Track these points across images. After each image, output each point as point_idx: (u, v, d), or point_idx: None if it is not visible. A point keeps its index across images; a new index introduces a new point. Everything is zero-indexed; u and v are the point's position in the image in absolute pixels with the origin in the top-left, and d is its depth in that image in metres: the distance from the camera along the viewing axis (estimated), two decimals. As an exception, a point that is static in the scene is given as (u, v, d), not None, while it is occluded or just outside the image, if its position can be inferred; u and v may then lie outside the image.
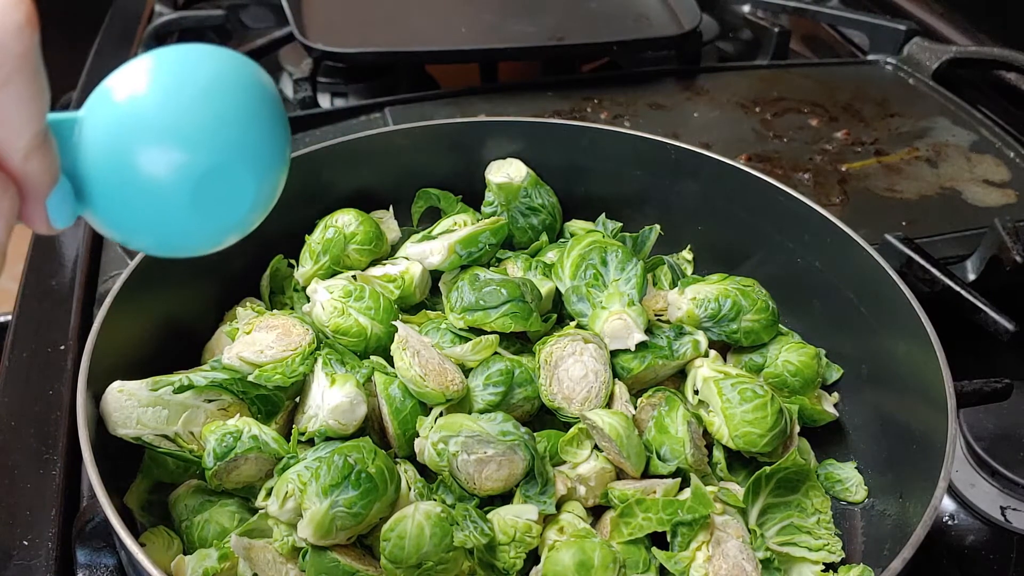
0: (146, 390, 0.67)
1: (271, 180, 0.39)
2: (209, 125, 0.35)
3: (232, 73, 0.37)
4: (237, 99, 0.37)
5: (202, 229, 0.38)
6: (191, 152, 0.35)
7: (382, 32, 1.30)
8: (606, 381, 0.75)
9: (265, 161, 0.38)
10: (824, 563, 0.71)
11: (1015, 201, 1.08)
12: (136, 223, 0.37)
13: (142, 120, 0.35)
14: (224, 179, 0.37)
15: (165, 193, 0.35)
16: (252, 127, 0.37)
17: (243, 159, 0.37)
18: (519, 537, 0.66)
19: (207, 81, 0.36)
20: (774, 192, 0.85)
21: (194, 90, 0.36)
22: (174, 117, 0.35)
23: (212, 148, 0.36)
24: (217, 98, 0.36)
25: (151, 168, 0.35)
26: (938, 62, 1.33)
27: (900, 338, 0.74)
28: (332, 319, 0.77)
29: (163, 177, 0.35)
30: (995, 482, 0.81)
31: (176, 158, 0.35)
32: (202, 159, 0.35)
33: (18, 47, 0.30)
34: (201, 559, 0.64)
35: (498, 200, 0.91)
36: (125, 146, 0.35)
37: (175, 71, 0.36)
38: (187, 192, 0.36)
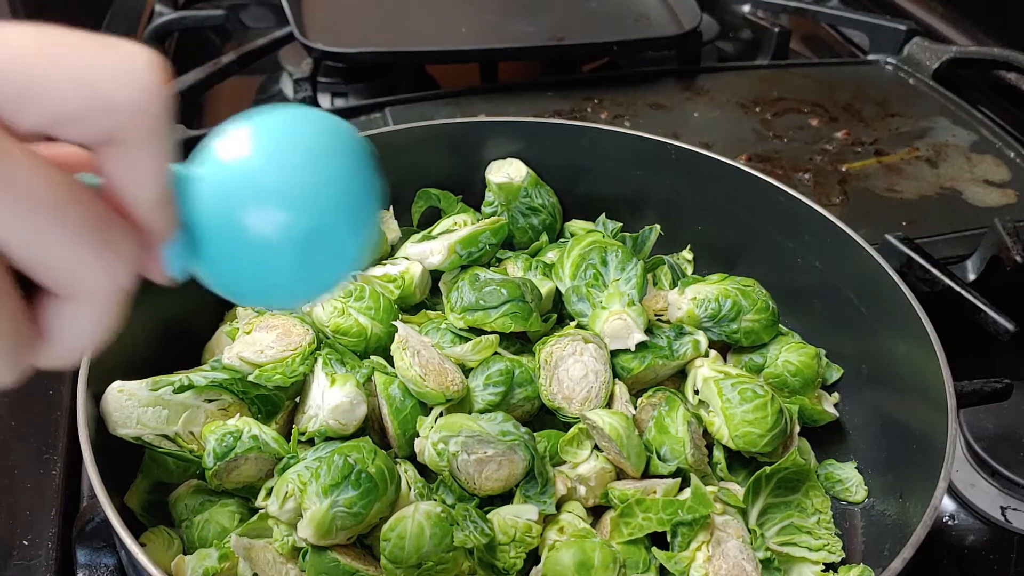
0: (146, 390, 0.67)
1: (369, 235, 0.41)
2: (311, 187, 0.37)
3: (331, 136, 0.39)
4: (336, 162, 0.39)
5: (305, 284, 0.40)
6: (295, 213, 0.37)
7: (382, 32, 1.30)
8: (606, 381, 0.75)
9: (363, 219, 0.40)
10: (824, 563, 0.70)
11: (1015, 201, 1.08)
12: (243, 280, 0.39)
13: (249, 183, 0.37)
14: (326, 238, 0.38)
15: (270, 252, 0.37)
16: (350, 188, 0.39)
17: (343, 219, 0.39)
18: (519, 537, 0.66)
19: (308, 145, 0.38)
20: (774, 192, 0.85)
21: (296, 154, 0.38)
22: (279, 180, 0.37)
23: (315, 209, 0.38)
24: (318, 161, 0.38)
25: (257, 228, 0.37)
26: (938, 62, 1.33)
27: (900, 338, 0.74)
28: (332, 319, 0.77)
29: (268, 237, 0.37)
30: (995, 482, 0.81)
31: (281, 219, 0.37)
32: (305, 220, 0.37)
33: (154, 108, 0.32)
34: (201, 559, 0.64)
35: (498, 200, 0.91)
36: (233, 207, 0.37)
37: (279, 135, 0.38)
38: (291, 251, 0.38)
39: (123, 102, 0.32)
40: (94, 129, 0.32)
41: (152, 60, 0.33)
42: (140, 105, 0.32)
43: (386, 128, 0.92)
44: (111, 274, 0.33)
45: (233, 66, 1.29)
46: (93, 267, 0.33)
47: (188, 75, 1.24)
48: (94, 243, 0.32)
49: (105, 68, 0.32)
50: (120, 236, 0.34)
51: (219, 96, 1.36)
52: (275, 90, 1.41)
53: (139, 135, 0.33)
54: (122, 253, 0.34)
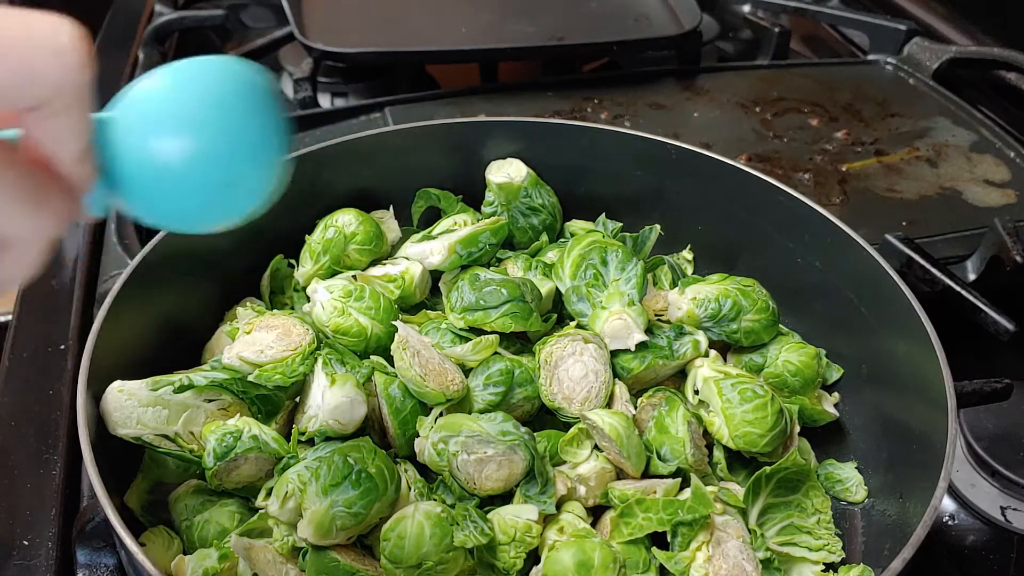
0: (146, 390, 0.67)
1: (271, 163, 0.46)
2: (208, 116, 0.42)
3: (234, 76, 0.44)
4: (235, 96, 0.44)
5: (214, 207, 0.45)
6: (194, 139, 0.41)
7: (382, 32, 1.30)
8: (606, 381, 0.75)
9: (262, 147, 0.45)
10: (824, 563, 0.71)
11: (1015, 201, 1.08)
12: (157, 205, 0.43)
13: (152, 115, 0.41)
14: (227, 161, 0.43)
15: (177, 176, 0.41)
16: (248, 119, 0.44)
17: (242, 145, 0.44)
18: (519, 537, 0.66)
19: (209, 82, 0.43)
20: (774, 192, 0.85)
21: (195, 89, 0.42)
22: (177, 110, 0.41)
23: (213, 135, 0.42)
24: (217, 95, 0.43)
25: (162, 155, 0.41)
26: (938, 62, 1.33)
27: (900, 338, 0.74)
28: (332, 319, 0.77)
29: (173, 162, 0.41)
30: (995, 482, 0.81)
31: (181, 144, 0.41)
32: (204, 144, 0.42)
33: (78, 80, 0.35)
34: (201, 559, 0.64)
35: (498, 200, 0.91)
36: (141, 138, 0.41)
37: (182, 75, 0.43)
38: (195, 174, 0.42)
39: (48, 74, 0.34)
40: (20, 98, 0.35)
41: (75, 32, 0.35)
42: (65, 76, 0.35)
43: (386, 128, 0.92)
44: (42, 227, 0.37)
45: (233, 66, 1.29)
46: (24, 223, 0.36)
47: (188, 75, 1.24)
48: (26, 202, 0.36)
49: (29, 42, 0.34)
50: (49, 192, 0.37)
51: (219, 96, 1.36)
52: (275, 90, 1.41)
53: (63, 102, 0.35)
54: (51, 208, 0.37)
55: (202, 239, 0.80)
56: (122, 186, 0.42)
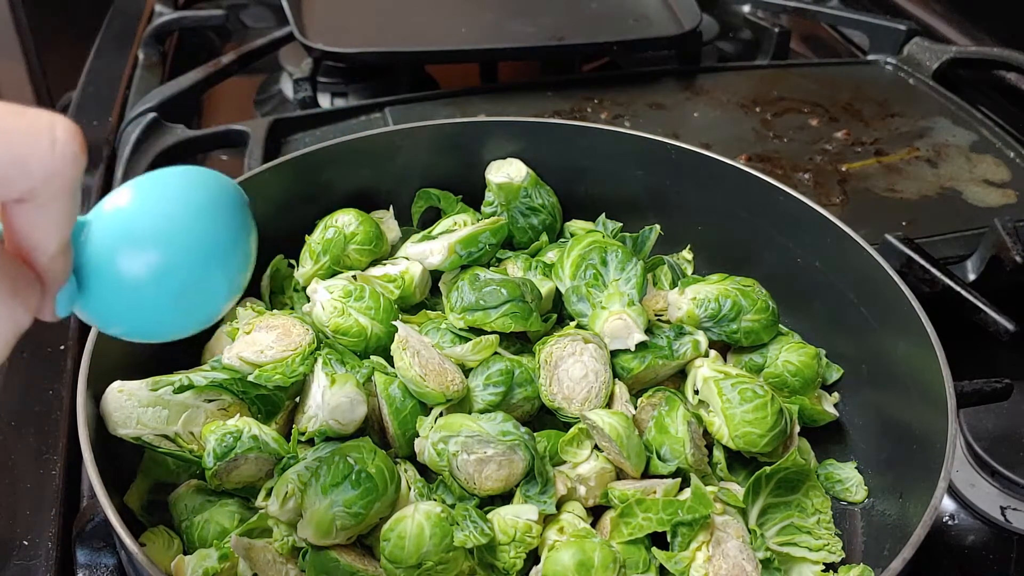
0: (146, 390, 0.67)
1: (235, 277, 0.47)
2: (175, 231, 0.43)
3: (204, 189, 0.45)
4: (203, 207, 0.44)
5: (177, 319, 0.46)
6: (161, 253, 0.42)
7: (382, 32, 1.30)
8: (606, 381, 0.75)
9: (228, 263, 0.46)
10: (824, 563, 0.70)
11: (1015, 201, 1.08)
12: (123, 315, 0.44)
13: (122, 227, 0.42)
14: (191, 277, 0.44)
15: (142, 289, 0.42)
16: (216, 234, 0.45)
17: (208, 260, 0.44)
18: (519, 537, 0.66)
19: (179, 196, 0.44)
20: (774, 192, 0.85)
21: (165, 203, 0.43)
22: (145, 225, 0.42)
23: (179, 250, 0.43)
24: (186, 210, 0.44)
25: (129, 268, 0.42)
26: (938, 62, 1.33)
27: (900, 338, 0.74)
28: (332, 319, 0.77)
29: (139, 275, 0.42)
30: (995, 482, 0.81)
31: (148, 259, 0.42)
32: (171, 259, 0.43)
33: (69, 173, 0.35)
34: (201, 559, 0.64)
35: (498, 200, 0.91)
36: (111, 248, 0.42)
37: (154, 187, 0.44)
38: (160, 288, 0.43)
39: (40, 165, 0.34)
40: (9, 191, 0.34)
41: (70, 126, 0.35)
42: (57, 168, 0.34)
43: (386, 128, 0.92)
44: (13, 318, 0.36)
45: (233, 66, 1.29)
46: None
47: (188, 75, 1.24)
48: (2, 295, 0.35)
49: (23, 133, 0.34)
50: (24, 286, 0.37)
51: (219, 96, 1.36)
52: (275, 90, 1.41)
53: (51, 194, 0.35)
54: (24, 300, 0.37)
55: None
56: (88, 292, 0.42)
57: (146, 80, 1.33)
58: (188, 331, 0.47)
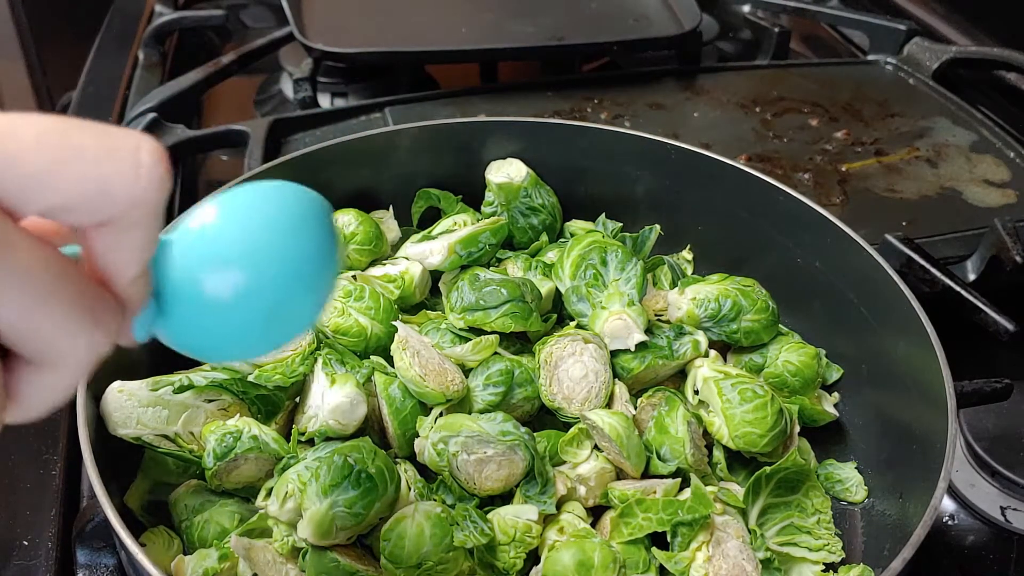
0: (146, 390, 0.67)
1: (323, 294, 0.44)
2: (264, 251, 0.40)
3: (292, 206, 0.42)
4: (293, 229, 0.42)
5: (260, 342, 0.43)
6: (248, 275, 0.40)
7: (382, 32, 1.30)
8: (606, 381, 0.75)
9: (317, 283, 0.43)
10: (824, 563, 0.70)
11: (1015, 201, 1.08)
12: (204, 339, 0.42)
13: (208, 247, 0.40)
14: (280, 299, 0.41)
15: (227, 313, 0.40)
16: (305, 253, 0.42)
17: (296, 282, 0.42)
18: (519, 537, 0.66)
19: (268, 213, 0.41)
20: (774, 192, 0.85)
21: (253, 221, 0.41)
22: (233, 245, 0.40)
23: (268, 272, 0.40)
24: (274, 228, 0.41)
25: (214, 290, 0.39)
26: (938, 62, 1.33)
27: (900, 338, 0.74)
28: (332, 319, 0.77)
29: (224, 298, 0.40)
30: (995, 482, 0.81)
31: (235, 280, 0.40)
32: (258, 282, 0.40)
33: (154, 199, 0.34)
34: (201, 559, 0.64)
35: (498, 200, 0.91)
36: (195, 270, 0.39)
37: (241, 204, 0.41)
38: (246, 312, 0.40)
39: (124, 192, 0.33)
40: (93, 216, 0.34)
41: (155, 151, 0.34)
42: (141, 197, 0.34)
43: (386, 128, 0.92)
44: (92, 344, 0.35)
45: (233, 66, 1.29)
46: (77, 340, 0.34)
47: (188, 75, 1.24)
48: (83, 321, 0.34)
49: (110, 161, 0.33)
50: (104, 311, 0.35)
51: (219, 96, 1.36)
52: (275, 90, 1.41)
53: (134, 221, 0.34)
54: (106, 327, 0.35)
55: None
56: (169, 315, 0.40)
57: (146, 80, 1.33)
58: (271, 351, 0.46)
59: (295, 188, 0.43)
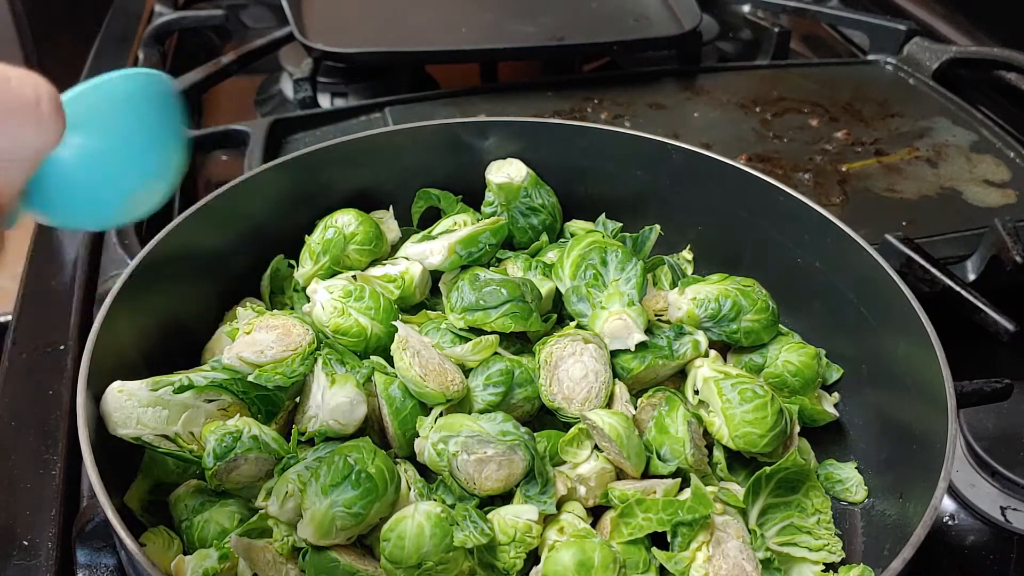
0: (146, 390, 0.67)
1: (163, 163, 0.53)
2: (100, 117, 0.48)
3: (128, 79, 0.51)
4: (128, 96, 0.50)
5: (109, 205, 0.51)
6: (89, 136, 0.47)
7: (382, 32, 1.30)
8: (606, 381, 0.75)
9: (155, 142, 0.52)
10: (824, 563, 0.71)
11: (1015, 201, 1.08)
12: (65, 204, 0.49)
13: None
14: (119, 159, 0.50)
15: (78, 172, 0.47)
16: (141, 116, 0.51)
17: (136, 139, 0.50)
18: (519, 537, 0.66)
19: (104, 89, 0.49)
20: (774, 192, 0.85)
21: (91, 97, 0.49)
22: (74, 116, 0.45)
23: (103, 132, 0.48)
24: (107, 97, 0.49)
25: (64, 154, 0.46)
26: (938, 62, 1.33)
27: (900, 338, 0.74)
28: (332, 319, 0.77)
29: (73, 159, 0.47)
30: (995, 482, 0.81)
31: (78, 142, 0.46)
32: (100, 141, 0.48)
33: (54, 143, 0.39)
34: (201, 559, 0.64)
35: (498, 200, 0.91)
36: None
37: (82, 89, 0.49)
38: (93, 169, 0.48)
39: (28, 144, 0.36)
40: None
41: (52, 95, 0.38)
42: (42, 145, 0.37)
43: (386, 128, 0.92)
44: None
45: (233, 66, 1.29)
46: None
47: (188, 75, 1.24)
48: None
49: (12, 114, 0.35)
50: None
51: (219, 96, 1.36)
52: (275, 90, 1.41)
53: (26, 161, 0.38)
54: None
55: (202, 239, 0.80)
56: (33, 194, 0.46)
57: (146, 80, 1.33)
58: (123, 217, 0.53)
59: (135, 71, 0.52)
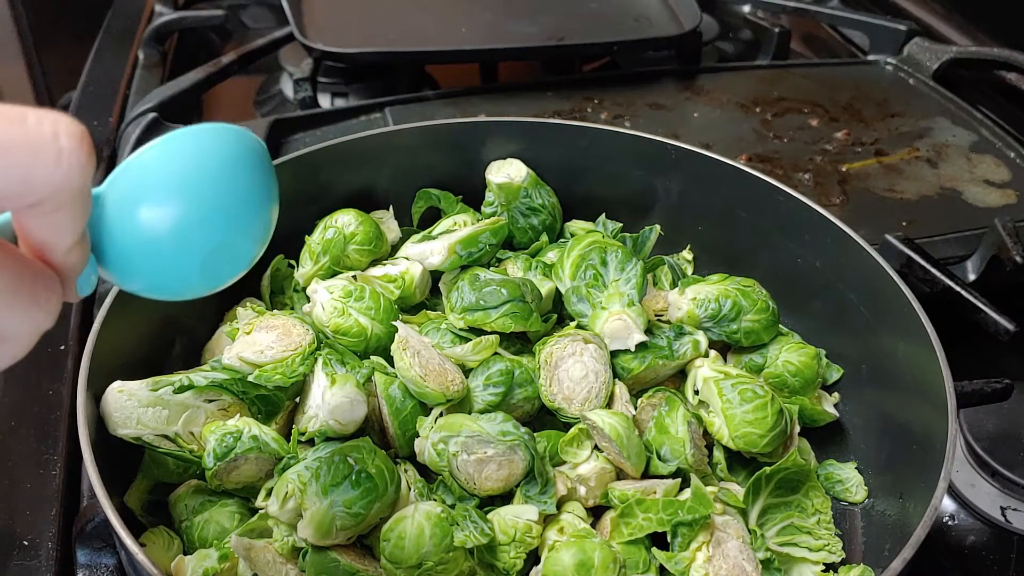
0: (146, 390, 0.67)
1: (258, 233, 0.47)
2: (196, 183, 0.42)
3: (220, 138, 0.45)
4: (223, 158, 0.44)
5: (195, 277, 0.45)
6: (182, 205, 0.42)
7: (382, 32, 1.30)
8: (606, 381, 0.75)
9: (251, 210, 0.46)
10: (824, 563, 0.70)
11: (1015, 201, 1.08)
12: (146, 274, 0.43)
13: (140, 186, 0.41)
14: (213, 229, 0.43)
15: (165, 243, 0.42)
16: (236, 180, 0.44)
17: (230, 213, 0.44)
18: (519, 537, 0.66)
19: (195, 147, 0.43)
20: (774, 192, 0.85)
21: (182, 155, 0.43)
22: (162, 180, 0.42)
23: (199, 202, 0.42)
24: (204, 159, 0.43)
25: (150, 222, 0.41)
26: (938, 62, 1.33)
27: (900, 338, 0.74)
28: (332, 319, 0.77)
29: (161, 229, 0.41)
30: (995, 482, 0.81)
31: (169, 211, 0.41)
32: (193, 210, 0.42)
33: (77, 183, 0.34)
34: (201, 559, 0.64)
35: (498, 200, 0.91)
36: (129, 208, 0.41)
37: (171, 146, 0.43)
38: (179, 244, 0.42)
39: (47, 181, 0.33)
40: (20, 203, 0.34)
41: (74, 134, 0.34)
42: (64, 182, 0.34)
43: (386, 128, 0.92)
44: (36, 320, 0.36)
45: (233, 66, 1.29)
46: (20, 320, 0.35)
47: (188, 75, 1.24)
48: (21, 300, 0.35)
49: (27, 146, 0.32)
50: (43, 288, 0.36)
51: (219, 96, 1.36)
52: (275, 90, 1.41)
53: (61, 203, 0.35)
54: (47, 303, 0.36)
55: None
56: (110, 260, 0.42)
57: (146, 80, 1.33)
58: (209, 289, 0.47)
59: (230, 128, 0.45)
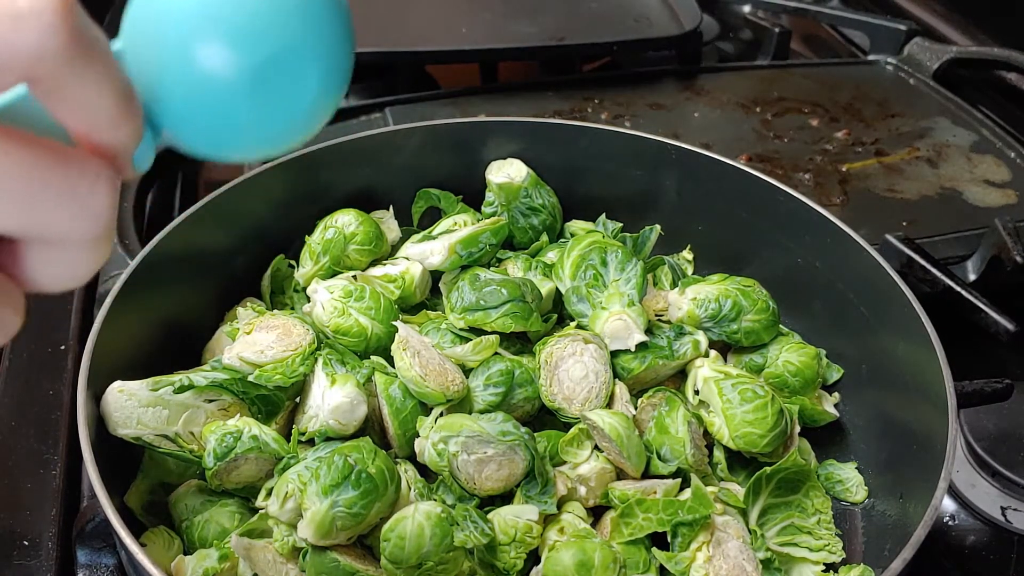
0: (146, 390, 0.67)
1: (334, 66, 0.37)
2: (254, 15, 0.34)
3: None
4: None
5: (271, 124, 0.36)
6: (241, 42, 0.33)
7: (382, 32, 1.30)
8: (606, 381, 0.75)
9: (323, 44, 0.36)
10: (824, 563, 0.70)
11: (1015, 201, 1.08)
12: (211, 130, 0.36)
13: (184, 16, 0.33)
14: (281, 68, 0.35)
15: (224, 89, 0.34)
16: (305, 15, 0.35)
17: (297, 45, 0.35)
18: (519, 537, 0.66)
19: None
20: (774, 192, 0.85)
21: None
22: (217, 10, 0.33)
23: (262, 37, 0.34)
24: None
25: (204, 64, 0.33)
26: (938, 62, 1.33)
27: (900, 338, 0.74)
28: (332, 319, 0.77)
29: (219, 71, 0.33)
30: (995, 482, 0.81)
31: (228, 52, 0.33)
32: (255, 48, 0.34)
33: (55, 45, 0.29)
34: (201, 559, 0.64)
35: (498, 200, 0.91)
36: (172, 51, 0.33)
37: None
38: (247, 85, 0.34)
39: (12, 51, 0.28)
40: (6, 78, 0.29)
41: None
42: (35, 47, 0.28)
43: (386, 128, 0.92)
44: (79, 218, 0.31)
45: (233, 66, 1.29)
46: (57, 217, 0.30)
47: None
48: (51, 193, 0.30)
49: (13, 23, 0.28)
50: (79, 176, 0.31)
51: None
52: (275, 90, 1.41)
53: (50, 73, 0.29)
54: (89, 194, 0.31)
55: (203, 239, 0.80)
56: (165, 118, 0.34)
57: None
58: (287, 140, 0.38)
59: None
